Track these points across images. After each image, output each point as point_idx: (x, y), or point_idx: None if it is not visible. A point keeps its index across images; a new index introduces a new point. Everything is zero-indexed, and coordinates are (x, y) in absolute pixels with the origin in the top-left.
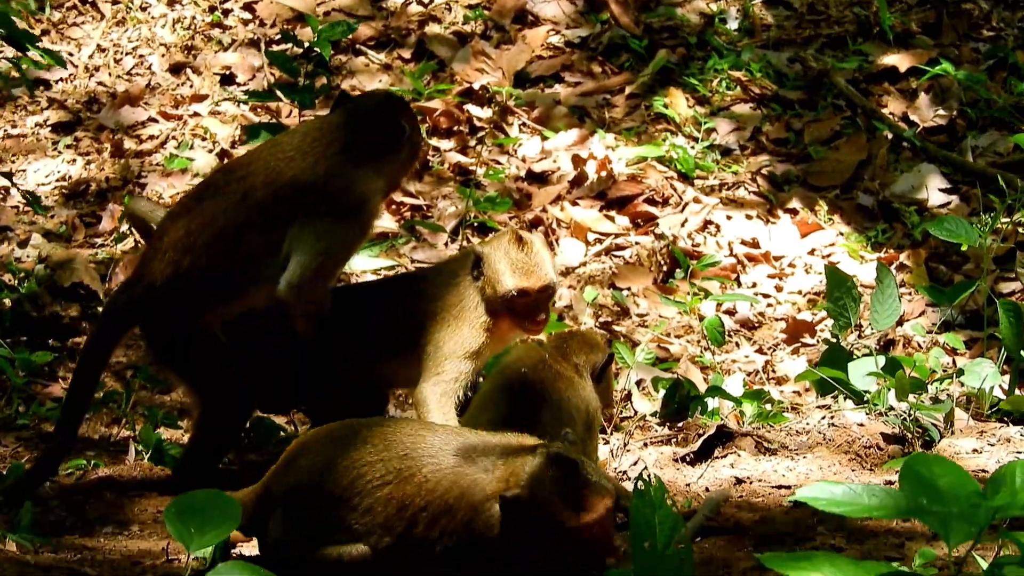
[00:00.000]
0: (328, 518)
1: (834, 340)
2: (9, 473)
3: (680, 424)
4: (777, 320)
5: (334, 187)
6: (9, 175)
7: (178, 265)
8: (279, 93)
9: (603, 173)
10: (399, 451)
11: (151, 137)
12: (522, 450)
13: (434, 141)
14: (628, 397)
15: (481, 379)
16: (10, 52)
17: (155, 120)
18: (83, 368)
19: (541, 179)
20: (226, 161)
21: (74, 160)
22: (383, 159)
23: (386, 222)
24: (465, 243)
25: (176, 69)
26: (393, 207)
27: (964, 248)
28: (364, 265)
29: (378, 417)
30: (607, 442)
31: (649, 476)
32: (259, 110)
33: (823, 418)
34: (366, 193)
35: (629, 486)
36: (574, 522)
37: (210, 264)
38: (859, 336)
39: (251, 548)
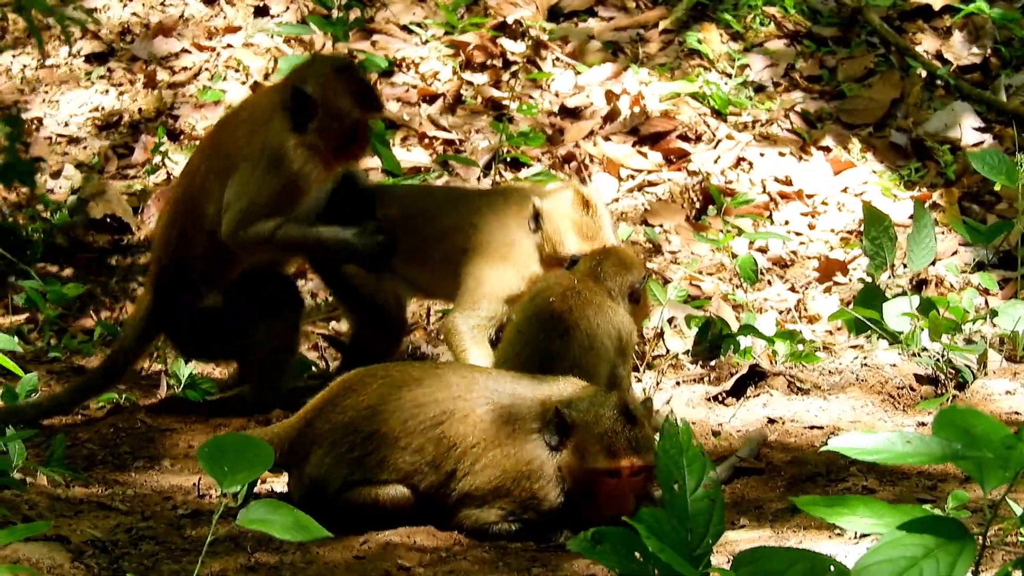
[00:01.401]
0: (375, 457)
1: (869, 279)
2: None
3: (712, 363)
4: (810, 258)
5: (257, 143)
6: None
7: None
8: (313, 25)
9: (636, 109)
10: (453, 392)
11: (184, 69)
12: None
13: (467, 75)
14: (660, 335)
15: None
16: None
17: (188, 52)
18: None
19: (574, 114)
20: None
21: (107, 91)
22: (305, 125)
23: (419, 156)
24: (498, 177)
25: (209, 0)
26: (426, 141)
27: (998, 188)
28: None
29: (427, 361)
30: (639, 380)
31: (675, 418)
32: (292, 42)
33: (856, 358)
34: (283, 146)
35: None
36: (609, 465)
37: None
38: (892, 275)
39: (279, 484)
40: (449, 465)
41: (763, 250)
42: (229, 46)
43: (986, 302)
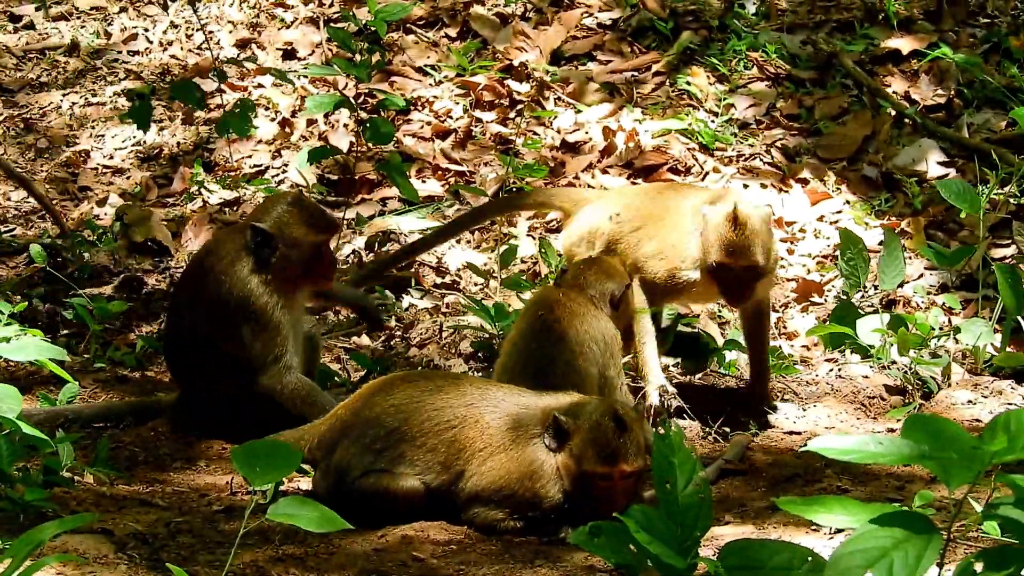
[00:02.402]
0: (394, 450)
1: (844, 297)
2: (100, 447)
3: (699, 374)
4: (788, 280)
5: (226, 293)
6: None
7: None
8: (337, 67)
9: (631, 144)
10: (467, 400)
11: (219, 106)
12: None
13: (477, 113)
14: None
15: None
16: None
17: (223, 91)
18: None
19: (574, 149)
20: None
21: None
22: (268, 262)
23: (433, 186)
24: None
25: (242, 44)
26: (440, 173)
27: (963, 216)
28: (412, 225)
29: (450, 372)
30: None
31: (669, 423)
32: (318, 83)
33: (831, 370)
34: (248, 289)
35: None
36: (601, 469)
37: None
38: (864, 295)
39: (305, 483)
40: (459, 466)
41: None
42: (260, 86)
43: (949, 320)
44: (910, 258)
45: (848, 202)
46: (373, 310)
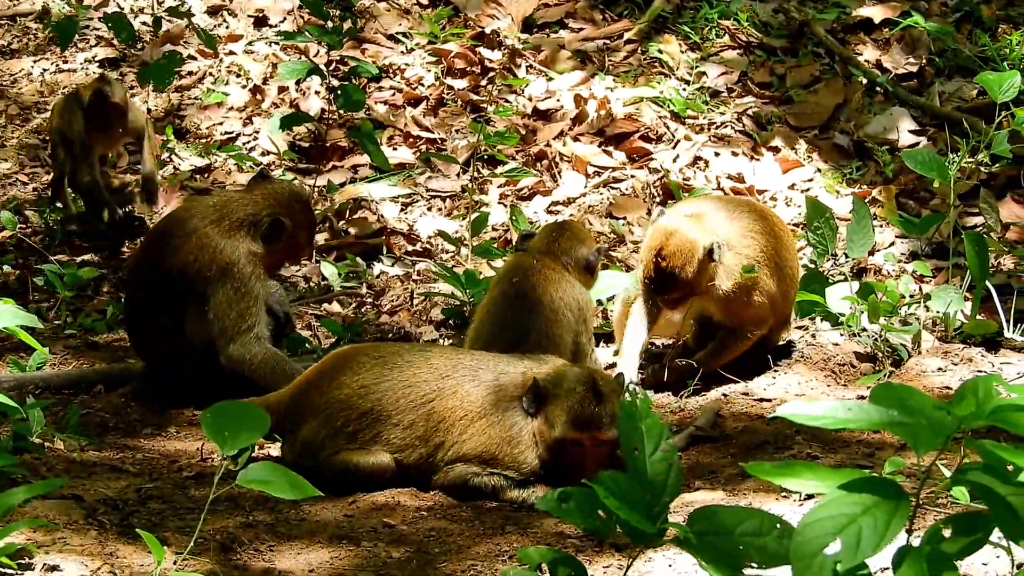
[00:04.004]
0: (369, 432)
1: (813, 266)
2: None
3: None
4: None
5: (207, 257)
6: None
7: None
8: (309, 34)
9: (602, 112)
10: (440, 372)
11: (190, 73)
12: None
13: (449, 80)
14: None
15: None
16: None
17: (194, 58)
18: None
19: (546, 116)
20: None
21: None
22: (267, 244)
23: (404, 154)
24: (476, 173)
25: (213, 11)
26: (411, 140)
27: (936, 185)
28: (383, 192)
29: (415, 343)
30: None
31: (634, 389)
32: (289, 50)
33: (801, 338)
34: (235, 258)
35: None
36: (572, 435)
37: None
38: (834, 264)
39: (275, 451)
40: (439, 437)
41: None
42: (231, 53)
43: (920, 288)
44: (881, 226)
45: (819, 170)
46: (289, 324)
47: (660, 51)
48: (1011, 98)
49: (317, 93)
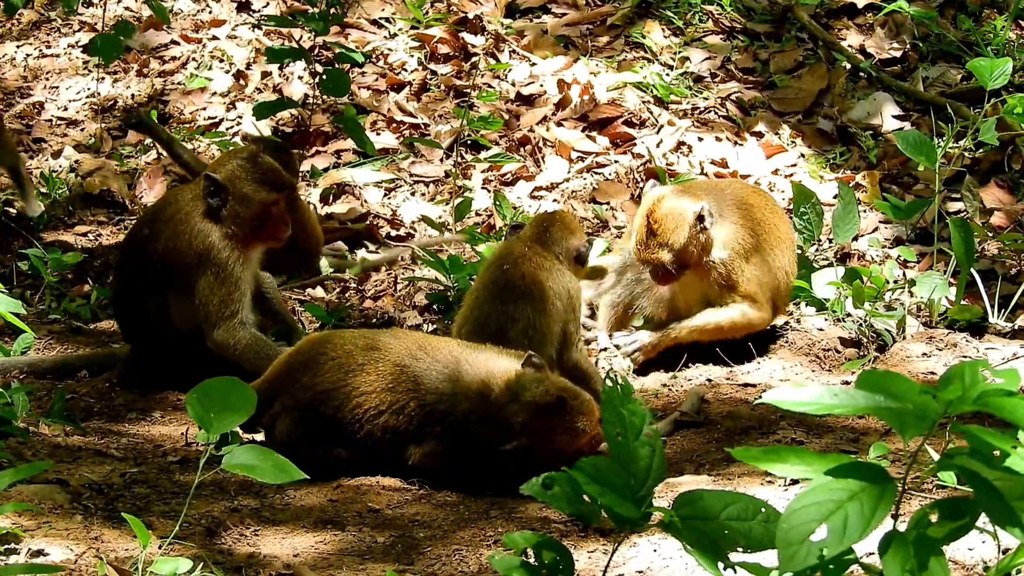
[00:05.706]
0: (338, 433)
1: (799, 251)
2: (56, 398)
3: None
4: None
5: (186, 245)
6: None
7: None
8: (294, 19)
9: (586, 97)
10: (388, 383)
11: (173, 58)
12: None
13: (432, 65)
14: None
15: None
16: None
17: (177, 43)
18: None
19: (529, 101)
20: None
21: (103, 79)
22: (219, 213)
23: (388, 139)
24: (459, 158)
25: None
26: (394, 125)
27: (921, 170)
28: (367, 177)
29: (376, 331)
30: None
31: (615, 375)
32: (273, 35)
33: (786, 323)
34: (209, 241)
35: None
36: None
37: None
38: (819, 249)
39: (260, 436)
40: (402, 424)
41: None
42: (214, 38)
43: (904, 273)
44: (865, 211)
45: (803, 155)
46: (293, 331)
47: (643, 36)
48: (1001, 85)
49: (300, 78)
